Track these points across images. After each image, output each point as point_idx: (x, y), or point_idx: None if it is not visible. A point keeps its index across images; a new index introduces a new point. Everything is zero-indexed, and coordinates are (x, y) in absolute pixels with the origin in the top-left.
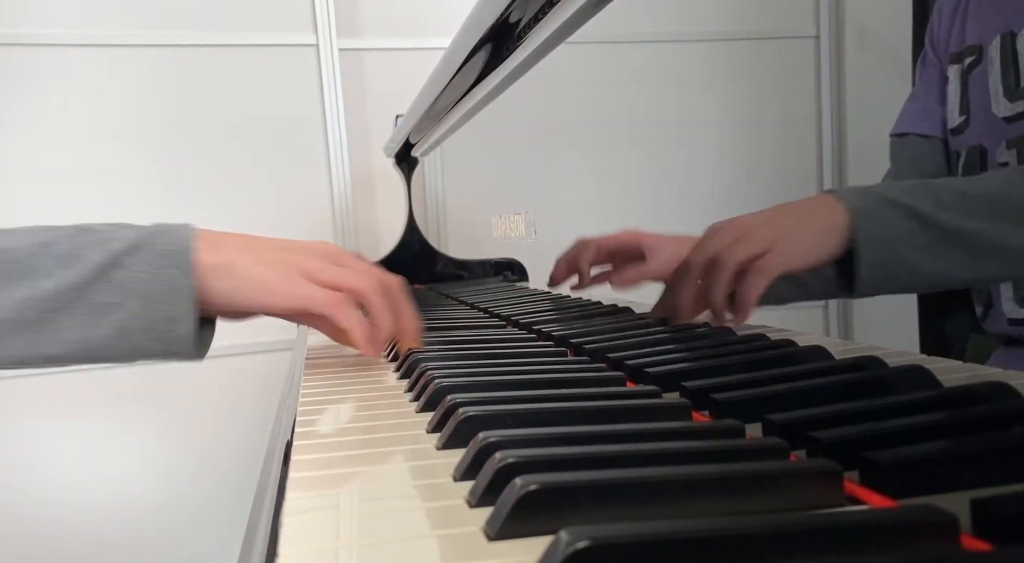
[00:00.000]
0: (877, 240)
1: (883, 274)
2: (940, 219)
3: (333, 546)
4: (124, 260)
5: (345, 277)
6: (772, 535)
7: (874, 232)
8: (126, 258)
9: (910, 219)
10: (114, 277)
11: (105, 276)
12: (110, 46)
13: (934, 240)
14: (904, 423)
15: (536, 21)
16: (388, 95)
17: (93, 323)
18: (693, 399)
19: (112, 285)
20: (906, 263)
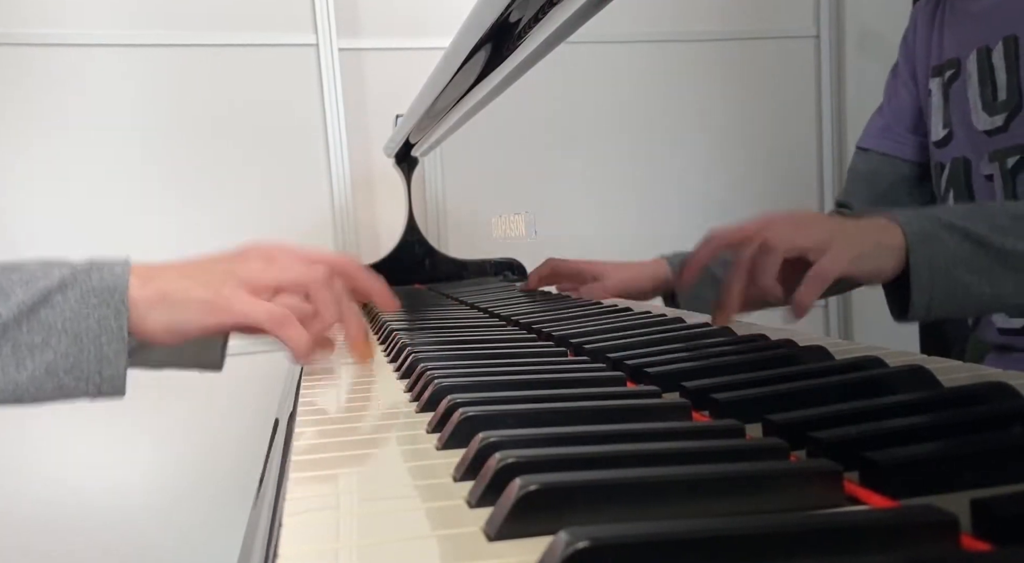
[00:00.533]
0: (932, 262)
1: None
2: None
3: (333, 546)
4: (53, 298)
5: (283, 274)
6: (772, 535)
7: (929, 254)
8: (56, 296)
9: (965, 241)
10: (42, 316)
11: (33, 315)
12: (109, 46)
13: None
14: (904, 423)
15: (536, 21)
16: (388, 95)
17: (18, 363)
18: (693, 399)
19: (40, 324)
20: (961, 286)
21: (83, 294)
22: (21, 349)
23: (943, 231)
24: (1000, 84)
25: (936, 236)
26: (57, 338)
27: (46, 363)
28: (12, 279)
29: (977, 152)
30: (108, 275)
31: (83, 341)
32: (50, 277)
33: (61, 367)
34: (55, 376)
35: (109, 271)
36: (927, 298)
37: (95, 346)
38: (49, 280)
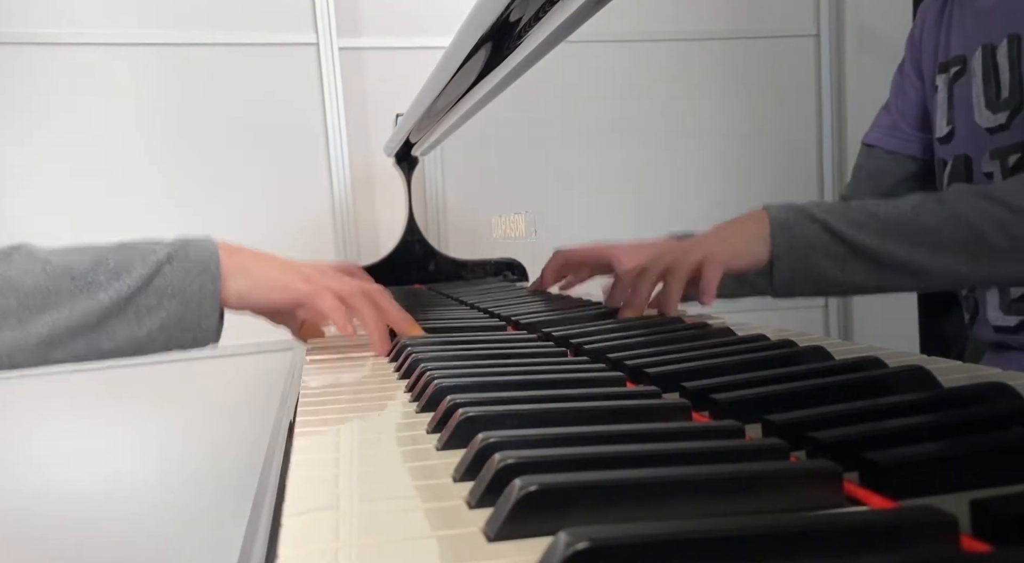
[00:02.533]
0: (792, 249)
1: (797, 278)
2: (850, 235)
3: (333, 546)
4: (163, 268)
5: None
6: (772, 535)
7: (789, 242)
8: (164, 267)
9: (823, 233)
10: (156, 284)
11: (149, 283)
12: (109, 45)
13: (843, 253)
14: (904, 423)
15: (536, 21)
16: (388, 95)
17: (139, 322)
18: (693, 399)
19: (155, 290)
20: (816, 270)
21: (186, 265)
22: (141, 311)
23: (804, 221)
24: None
25: (797, 224)
26: (168, 300)
27: (160, 321)
28: (131, 256)
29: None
30: (203, 249)
31: (188, 303)
32: (159, 253)
33: (172, 323)
34: (167, 330)
35: (203, 246)
36: (787, 277)
37: (197, 304)
38: (159, 254)
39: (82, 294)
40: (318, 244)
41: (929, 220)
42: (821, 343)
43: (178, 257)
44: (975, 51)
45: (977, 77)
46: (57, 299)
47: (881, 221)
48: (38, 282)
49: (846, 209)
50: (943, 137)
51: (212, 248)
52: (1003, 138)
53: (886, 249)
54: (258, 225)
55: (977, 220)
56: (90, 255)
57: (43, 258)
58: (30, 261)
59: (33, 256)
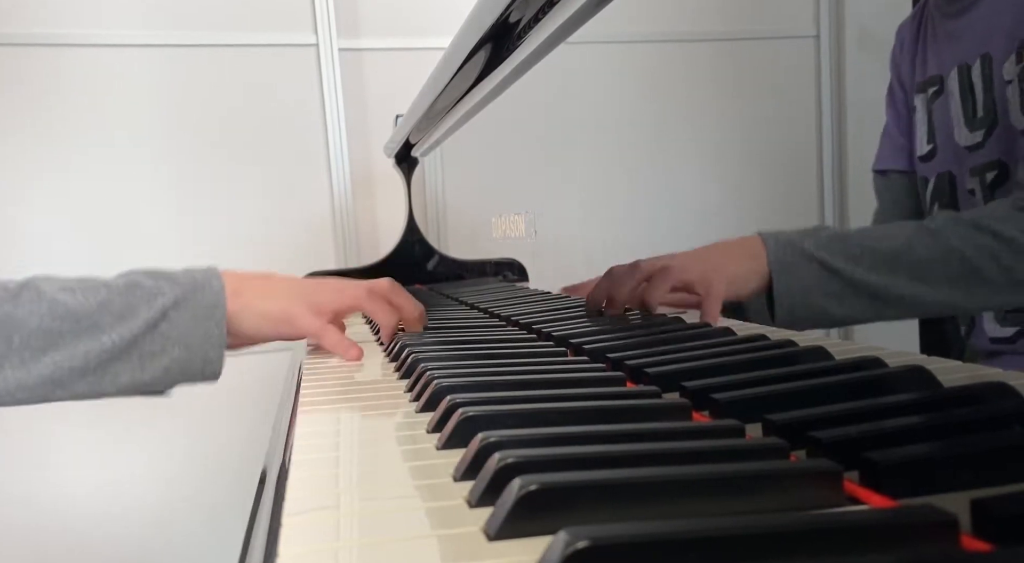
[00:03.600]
0: (790, 289)
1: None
2: (848, 272)
3: (333, 546)
4: (170, 314)
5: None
6: (772, 535)
7: (788, 282)
8: (171, 312)
9: (822, 271)
10: (161, 329)
11: (154, 329)
12: (109, 46)
13: (841, 289)
14: (904, 423)
15: (536, 21)
16: (388, 95)
17: (143, 367)
18: (693, 399)
19: (160, 336)
20: (816, 308)
21: (193, 310)
22: (145, 357)
23: (802, 261)
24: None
25: (795, 265)
26: (173, 346)
27: (164, 366)
28: (137, 296)
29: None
30: (210, 293)
31: (192, 349)
32: (166, 295)
33: (176, 369)
34: (171, 374)
35: (211, 290)
36: (788, 316)
37: (202, 351)
38: (165, 298)
39: (86, 336)
40: (318, 244)
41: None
42: (821, 343)
43: (185, 303)
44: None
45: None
46: (60, 340)
47: (878, 255)
48: (43, 323)
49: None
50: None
51: (218, 289)
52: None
53: (883, 284)
54: (258, 225)
55: (970, 253)
56: (97, 297)
57: (50, 298)
58: (38, 300)
59: (41, 295)
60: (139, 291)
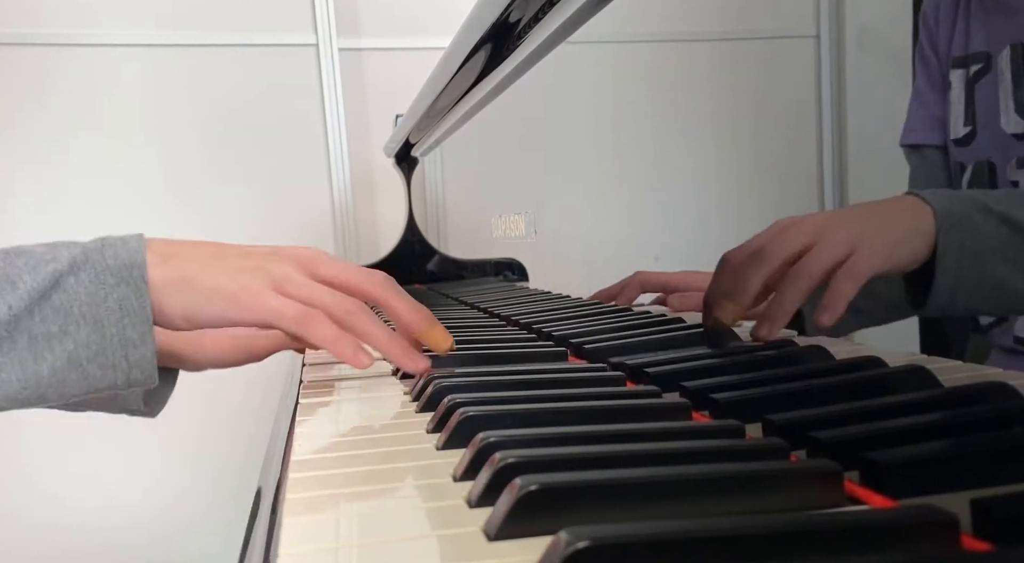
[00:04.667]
0: (962, 246)
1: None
2: None
3: (333, 546)
4: (65, 281)
5: (318, 299)
6: (772, 535)
7: (960, 238)
8: (68, 278)
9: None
10: (55, 302)
11: (45, 302)
12: (108, 46)
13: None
14: (904, 423)
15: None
16: (388, 95)
17: (36, 356)
18: (693, 399)
19: (54, 311)
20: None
21: (98, 274)
22: (37, 340)
23: (977, 213)
24: None
25: (969, 217)
26: (75, 324)
27: (67, 352)
28: (17, 265)
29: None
30: (123, 251)
31: (104, 325)
32: (59, 259)
33: (83, 355)
34: (78, 366)
35: (123, 247)
36: (950, 286)
37: (118, 329)
38: (58, 262)
39: None
40: (318, 244)
41: None
42: (821, 343)
43: (87, 265)
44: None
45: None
46: None
47: None
48: None
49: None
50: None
51: (135, 248)
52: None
53: None
54: (258, 225)
55: None
56: None
57: None
58: None
59: None
60: (22, 258)
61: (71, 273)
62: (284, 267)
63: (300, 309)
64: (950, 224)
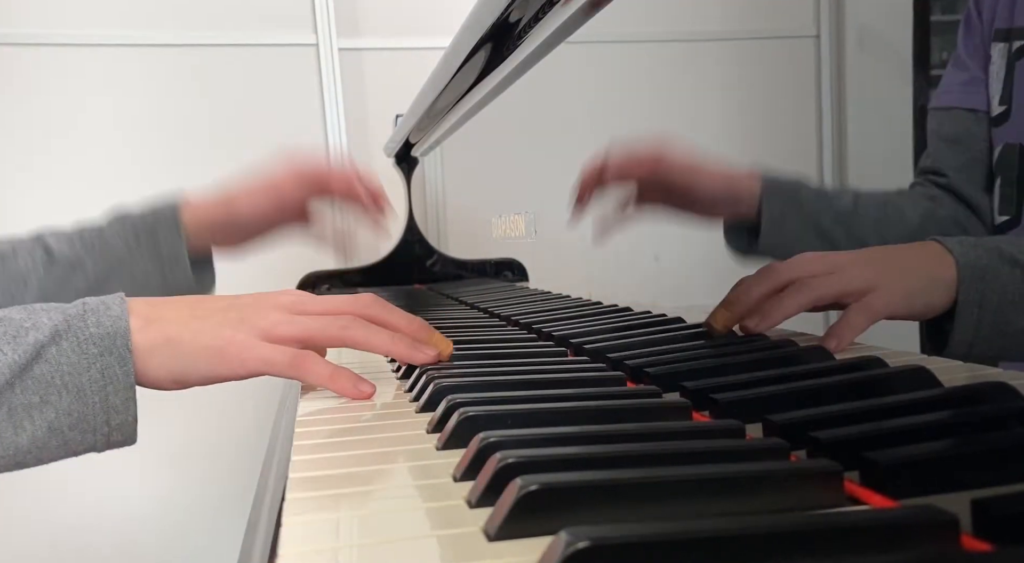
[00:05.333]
0: (984, 301)
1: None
2: None
3: (333, 546)
4: (46, 352)
5: (309, 328)
6: (772, 535)
7: (981, 292)
8: (50, 349)
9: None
10: (36, 373)
11: (26, 374)
12: (108, 46)
13: None
14: (904, 423)
15: (536, 21)
16: (388, 95)
17: (16, 427)
18: (693, 399)
19: (35, 383)
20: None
21: (80, 343)
22: (17, 412)
23: (1002, 265)
24: None
25: (992, 270)
26: (57, 394)
27: (47, 422)
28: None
29: None
30: (105, 318)
31: (86, 394)
32: (39, 327)
33: (65, 424)
34: (59, 433)
35: (106, 313)
36: (969, 340)
37: (101, 397)
38: (39, 331)
39: None
40: None
41: None
42: (821, 343)
43: (69, 333)
44: None
45: None
46: None
47: None
48: None
49: None
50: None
51: (118, 314)
52: None
53: None
54: None
55: None
56: None
57: None
58: None
59: None
60: (1, 327)
61: (53, 343)
62: (270, 314)
63: (291, 353)
64: (972, 277)
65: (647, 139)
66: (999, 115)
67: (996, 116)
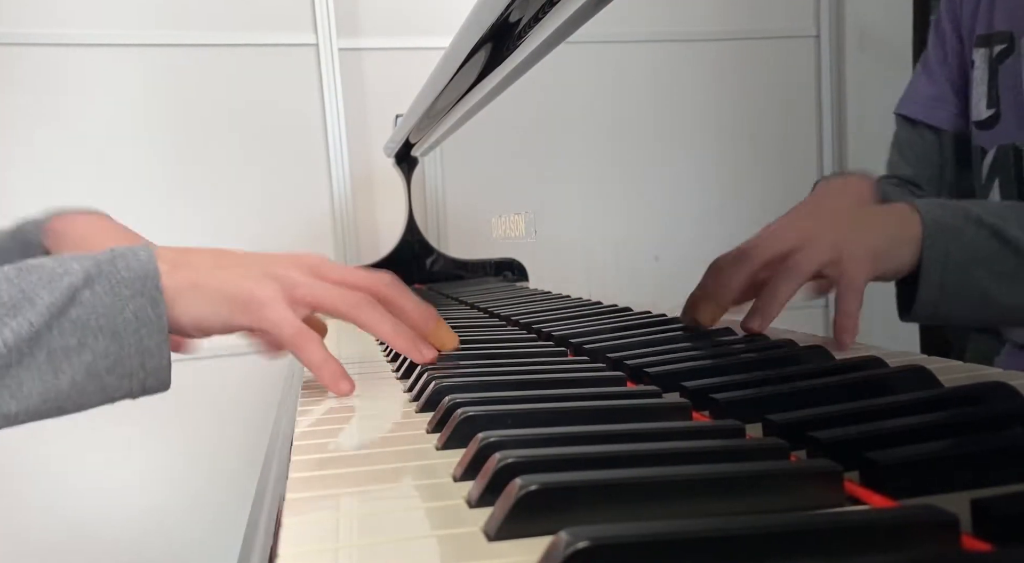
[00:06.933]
0: (948, 259)
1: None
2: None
3: (333, 546)
4: (81, 295)
5: (324, 296)
6: (772, 535)
7: (945, 249)
8: (84, 292)
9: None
10: (72, 316)
11: (63, 316)
12: (108, 46)
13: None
14: (904, 423)
15: (536, 21)
16: (388, 95)
17: (56, 371)
18: (693, 399)
19: (72, 325)
20: (978, 290)
21: (113, 286)
22: (56, 354)
23: (968, 224)
24: None
25: (957, 229)
26: (94, 337)
27: (85, 365)
28: (32, 280)
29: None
30: (135, 262)
31: (122, 336)
32: (72, 272)
33: (102, 367)
34: (97, 377)
35: (134, 258)
36: (934, 299)
37: (135, 339)
38: (72, 276)
39: None
40: (318, 244)
41: None
42: (821, 343)
43: (101, 277)
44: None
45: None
46: None
47: None
48: None
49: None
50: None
51: (147, 258)
52: None
53: None
54: (258, 225)
55: None
56: None
57: None
58: None
59: None
60: (35, 274)
61: (86, 286)
62: (290, 272)
63: (297, 327)
64: (937, 232)
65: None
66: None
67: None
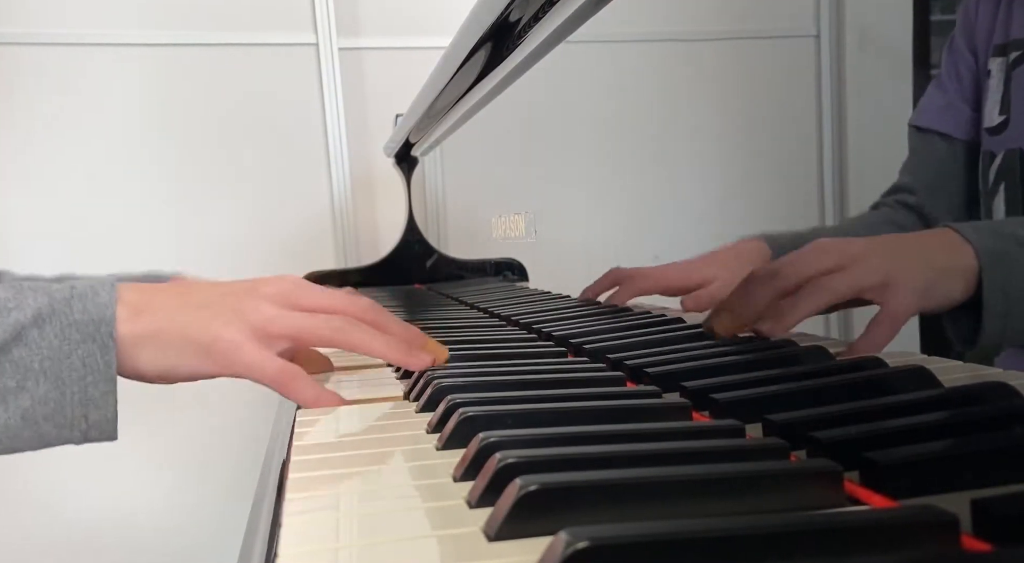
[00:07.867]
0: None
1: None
2: None
3: (333, 546)
4: (28, 334)
5: (302, 326)
6: (772, 535)
7: (1005, 278)
8: (31, 331)
9: None
10: (14, 355)
11: (3, 355)
12: (108, 46)
13: None
14: (904, 423)
15: (536, 21)
16: (388, 95)
17: None
18: (693, 399)
19: (12, 366)
20: None
21: (63, 328)
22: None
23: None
24: None
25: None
26: (34, 380)
27: (22, 409)
28: None
29: None
30: (92, 305)
31: (65, 383)
32: (23, 308)
33: (40, 413)
34: (33, 423)
35: (92, 301)
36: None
37: (79, 387)
38: (22, 312)
39: None
40: (318, 244)
41: None
42: (821, 343)
43: (53, 317)
44: None
45: None
46: None
47: None
48: None
49: None
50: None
51: (106, 301)
52: None
53: None
54: (258, 225)
55: None
56: None
57: None
58: None
59: None
60: None
61: (35, 325)
62: (262, 307)
63: (278, 366)
64: (993, 262)
65: None
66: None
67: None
